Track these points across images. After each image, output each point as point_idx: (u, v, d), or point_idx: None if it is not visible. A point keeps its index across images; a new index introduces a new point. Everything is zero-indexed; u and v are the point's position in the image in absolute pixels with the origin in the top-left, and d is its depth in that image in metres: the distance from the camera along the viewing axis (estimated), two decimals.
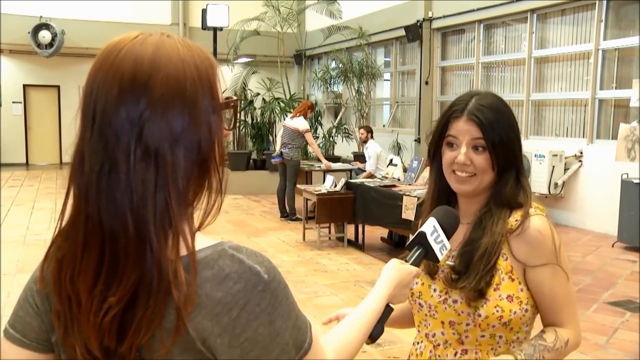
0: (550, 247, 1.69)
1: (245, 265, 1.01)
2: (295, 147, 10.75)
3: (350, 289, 6.87)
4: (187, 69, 1.02)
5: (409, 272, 1.50)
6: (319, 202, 8.66)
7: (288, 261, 8.08)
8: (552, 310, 1.73)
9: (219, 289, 0.98)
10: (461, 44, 14.30)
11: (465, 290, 1.69)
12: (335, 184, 8.99)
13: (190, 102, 1.02)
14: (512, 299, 1.69)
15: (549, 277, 1.69)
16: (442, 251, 1.56)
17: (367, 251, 8.72)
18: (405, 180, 9.07)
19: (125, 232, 0.98)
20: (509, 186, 1.74)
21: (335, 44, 16.27)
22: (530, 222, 1.70)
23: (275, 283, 1.02)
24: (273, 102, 15.38)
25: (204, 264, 1.00)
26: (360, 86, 15.29)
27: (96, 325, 0.99)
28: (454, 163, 1.74)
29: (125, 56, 1.01)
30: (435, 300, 1.78)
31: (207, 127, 1.04)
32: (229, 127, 1.12)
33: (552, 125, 11.78)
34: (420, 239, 1.56)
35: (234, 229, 10.16)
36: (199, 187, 1.05)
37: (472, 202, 1.80)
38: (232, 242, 1.05)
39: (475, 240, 1.73)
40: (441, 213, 1.64)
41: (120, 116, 0.99)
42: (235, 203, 12.94)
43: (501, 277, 1.69)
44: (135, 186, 0.98)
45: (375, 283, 1.48)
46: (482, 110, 1.72)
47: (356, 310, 1.38)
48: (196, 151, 1.02)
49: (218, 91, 1.07)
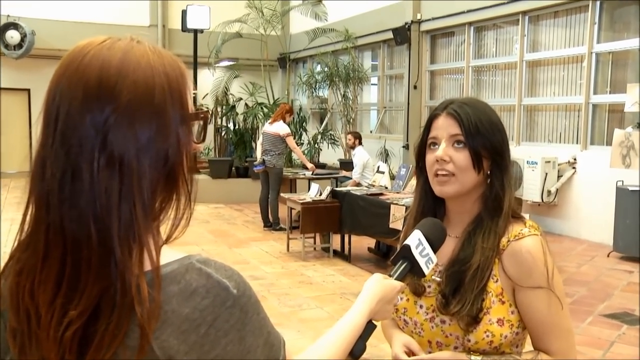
0: (542, 270, 1.66)
1: (214, 279, 1.00)
2: (278, 153, 10.72)
3: (336, 301, 6.84)
4: (156, 76, 1.02)
5: (393, 287, 1.48)
6: (304, 211, 8.63)
7: (271, 273, 8.04)
8: (541, 338, 1.71)
9: (186, 304, 0.98)
10: (451, 47, 14.33)
11: (458, 317, 1.67)
12: (321, 193, 8.98)
13: (158, 110, 1.02)
14: (503, 322, 1.67)
15: (542, 302, 1.67)
16: (428, 265, 1.55)
17: (353, 262, 8.69)
18: (393, 188, 9.07)
19: (88, 242, 0.97)
20: (496, 186, 1.73)
21: (321, 47, 16.26)
22: (521, 243, 1.68)
23: (245, 298, 1.02)
24: (256, 107, 15.33)
25: (170, 279, 1.00)
26: (346, 91, 15.29)
27: (56, 341, 0.98)
28: (435, 163, 1.73)
29: (91, 61, 1.01)
30: (422, 317, 1.77)
31: (175, 137, 1.04)
32: (198, 140, 1.11)
33: (545, 131, 11.82)
34: (404, 253, 1.54)
35: (215, 240, 10.12)
36: (165, 199, 1.05)
37: (461, 211, 1.79)
38: (200, 256, 1.04)
39: (465, 260, 1.70)
40: (427, 225, 1.62)
41: (85, 122, 0.98)
42: (217, 212, 12.90)
43: (491, 300, 1.67)
44: (98, 194, 0.97)
45: (357, 298, 1.46)
46: (462, 107, 1.73)
47: (335, 327, 1.36)
48: (163, 161, 1.02)
49: (188, 101, 1.07)
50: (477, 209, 1.76)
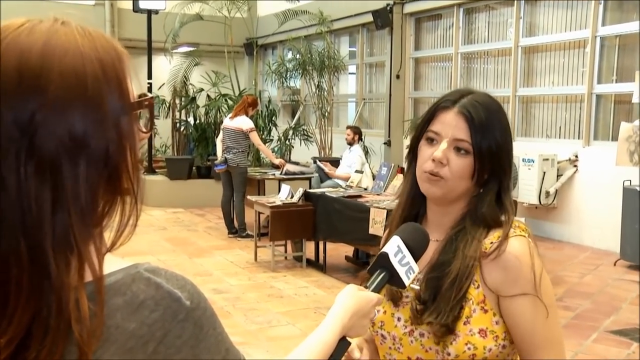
0: (528, 275, 1.66)
1: (164, 290, 0.99)
2: (241, 151, 10.70)
3: (309, 316, 6.83)
4: (87, 63, 1.00)
5: (369, 300, 1.49)
6: (273, 215, 8.61)
7: (237, 285, 8.03)
8: (529, 352, 1.70)
9: (132, 319, 0.97)
10: (438, 31, 14.38)
11: (433, 326, 1.68)
12: (292, 195, 8.97)
13: (93, 102, 0.99)
14: (486, 333, 1.67)
15: (528, 310, 1.67)
16: (409, 275, 1.56)
17: (329, 273, 8.69)
18: (373, 189, 9.05)
19: (18, 260, 0.95)
20: (487, 203, 1.74)
21: (292, 32, 16.21)
22: (507, 245, 1.68)
23: (200, 311, 1.01)
24: (219, 99, 15.29)
25: (114, 290, 0.98)
26: (321, 81, 15.26)
27: None
28: (429, 161, 1.73)
29: (7, 50, 0.97)
30: (400, 331, 1.78)
31: (115, 130, 1.02)
32: (145, 129, 1.11)
33: (543, 125, 11.89)
34: (382, 262, 1.55)
35: (173, 249, 10.09)
36: (108, 202, 1.04)
37: (444, 213, 1.80)
38: (149, 264, 1.03)
39: (444, 264, 1.71)
40: (407, 231, 1.63)
41: (6, 122, 0.95)
42: (175, 218, 12.85)
43: (472, 309, 1.68)
44: (27, 205, 0.95)
45: (328, 312, 1.46)
46: (476, 107, 1.72)
47: (302, 345, 1.36)
48: (103, 160, 1.00)
49: (129, 88, 1.06)
50: (462, 212, 1.77)
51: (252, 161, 13.49)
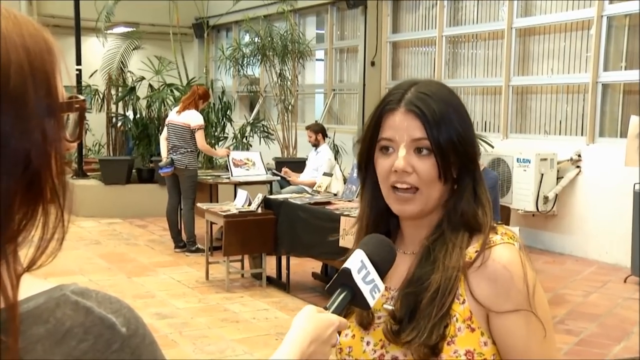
0: (521, 288, 1.67)
1: (95, 315, 0.99)
2: (190, 150, 10.66)
3: (270, 344, 6.81)
4: (11, 51, 0.99)
5: (329, 323, 1.51)
6: (228, 226, 8.62)
7: (185, 309, 8.02)
8: None
9: (57, 351, 0.96)
10: (419, 11, 14.49)
11: (414, 347, 1.67)
12: (250, 202, 8.97)
13: (15, 97, 0.98)
14: (473, 355, 1.68)
15: (522, 329, 1.68)
16: (374, 294, 1.58)
17: (293, 292, 8.73)
18: (344, 194, 9.12)
19: None
20: (464, 200, 1.77)
21: (249, 11, 16.27)
22: (493, 253, 1.70)
23: (138, 338, 1.01)
24: (164, 89, 15.27)
25: (34, 317, 0.97)
26: (283, 68, 15.34)
27: None
28: (392, 173, 1.74)
29: None
30: (369, 356, 1.79)
31: (40, 133, 1.01)
32: (72, 138, 1.10)
33: (541, 120, 11.99)
34: (343, 279, 1.57)
35: (109, 267, 10.04)
36: (27, 214, 1.02)
37: (419, 225, 1.82)
38: (77, 285, 1.03)
39: (422, 278, 1.72)
40: (372, 243, 1.66)
41: None
42: (111, 230, 12.85)
43: (457, 327, 1.68)
44: None
45: (285, 338, 1.47)
46: (423, 99, 1.74)
47: None
48: (22, 165, 0.99)
49: (58, 86, 1.05)
50: (438, 219, 1.80)
51: (203, 163, 13.45)
